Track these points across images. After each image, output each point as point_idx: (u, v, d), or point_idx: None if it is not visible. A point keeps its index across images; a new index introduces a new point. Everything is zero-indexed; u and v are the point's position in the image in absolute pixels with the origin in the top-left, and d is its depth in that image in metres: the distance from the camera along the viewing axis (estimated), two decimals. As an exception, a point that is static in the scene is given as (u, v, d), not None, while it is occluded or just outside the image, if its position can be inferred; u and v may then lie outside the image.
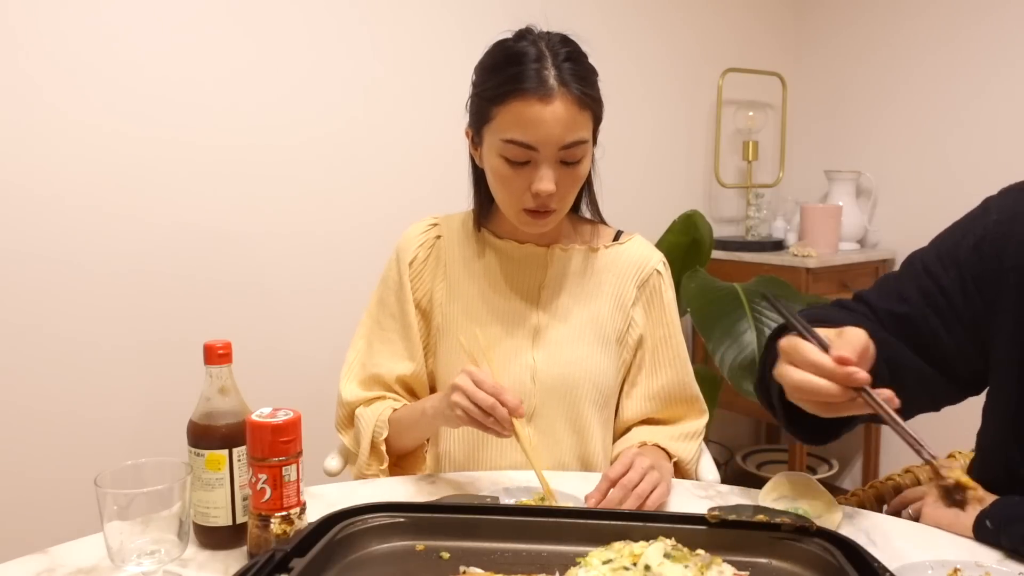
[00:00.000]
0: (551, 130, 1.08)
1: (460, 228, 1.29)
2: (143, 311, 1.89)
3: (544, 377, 1.22)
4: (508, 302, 1.25)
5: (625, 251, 1.29)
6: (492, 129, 1.12)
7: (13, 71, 1.69)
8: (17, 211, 1.72)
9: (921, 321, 0.99)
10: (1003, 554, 0.89)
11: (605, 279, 1.26)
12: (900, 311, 1.01)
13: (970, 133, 2.63)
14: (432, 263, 1.27)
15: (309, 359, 2.13)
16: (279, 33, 2.02)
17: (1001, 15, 2.55)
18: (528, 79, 1.07)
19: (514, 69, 1.09)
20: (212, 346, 0.92)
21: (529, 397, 1.21)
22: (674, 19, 2.79)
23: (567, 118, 1.08)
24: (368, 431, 1.18)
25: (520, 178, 1.12)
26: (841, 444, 3.02)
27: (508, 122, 1.09)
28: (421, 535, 0.84)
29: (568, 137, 1.09)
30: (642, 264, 1.28)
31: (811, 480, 1.00)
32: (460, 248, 1.28)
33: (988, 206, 1.04)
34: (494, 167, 1.14)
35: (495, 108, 1.11)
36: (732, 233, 3.01)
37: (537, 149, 1.09)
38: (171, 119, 1.88)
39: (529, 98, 1.07)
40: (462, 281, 1.26)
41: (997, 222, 1.00)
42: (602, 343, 1.24)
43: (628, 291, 1.26)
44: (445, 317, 1.26)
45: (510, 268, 1.26)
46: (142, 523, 0.79)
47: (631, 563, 0.75)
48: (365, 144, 2.17)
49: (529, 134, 1.08)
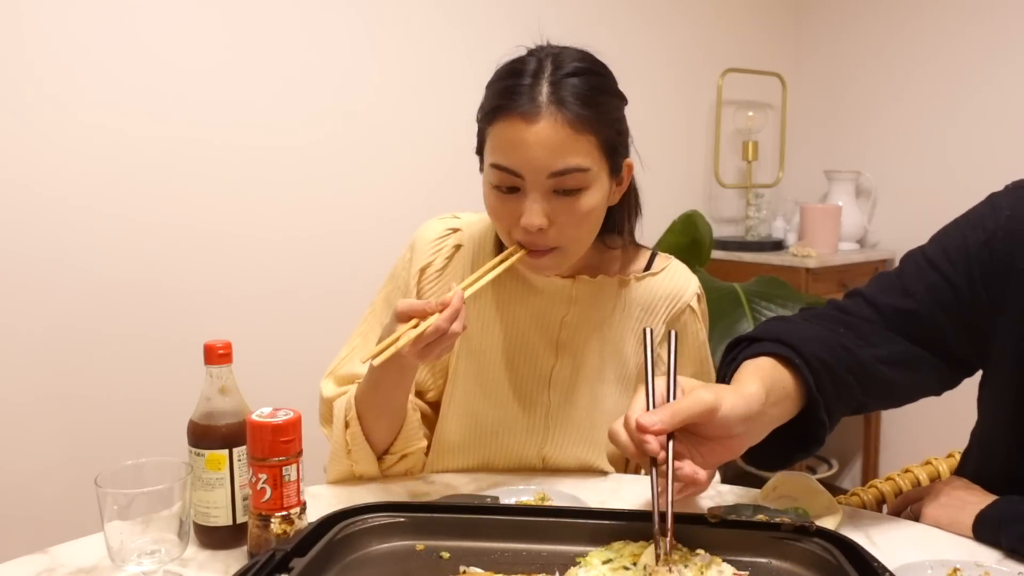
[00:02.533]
0: (535, 154, 0.95)
1: (481, 241, 1.16)
2: (143, 311, 1.89)
3: (558, 417, 1.15)
4: (526, 334, 1.14)
5: (657, 282, 1.16)
6: (486, 152, 1.02)
7: (14, 70, 1.69)
8: (17, 210, 1.72)
9: (927, 316, 0.99)
10: (1003, 554, 0.89)
11: (633, 313, 1.15)
12: (906, 307, 0.99)
13: (970, 133, 2.63)
14: (448, 276, 1.15)
15: (309, 359, 2.13)
16: (279, 32, 2.02)
17: (1001, 15, 2.55)
18: (514, 96, 0.96)
19: (506, 84, 0.98)
20: (212, 346, 0.92)
21: (541, 445, 1.15)
22: (674, 19, 2.79)
23: (555, 141, 0.95)
24: (340, 414, 1.09)
25: (508, 210, 1.00)
26: (841, 444, 3.02)
27: (494, 145, 0.99)
28: (421, 535, 0.84)
29: (557, 163, 0.95)
30: (675, 297, 1.16)
31: (811, 480, 1.00)
32: (479, 267, 1.07)
33: (995, 202, 1.03)
34: (486, 195, 1.03)
35: (487, 129, 1.01)
36: (732, 233, 3.01)
37: (522, 176, 0.97)
38: (171, 119, 1.88)
39: (512, 117, 0.95)
40: (478, 304, 1.13)
41: (1011, 218, 0.98)
42: (621, 381, 1.16)
43: (657, 327, 1.15)
44: (460, 340, 1.06)
45: (530, 298, 1.13)
46: (142, 523, 0.79)
47: (631, 563, 0.75)
48: (366, 144, 2.17)
49: (511, 158, 0.96)
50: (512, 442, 1.16)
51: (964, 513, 0.93)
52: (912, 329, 0.99)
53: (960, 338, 0.99)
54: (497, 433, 1.16)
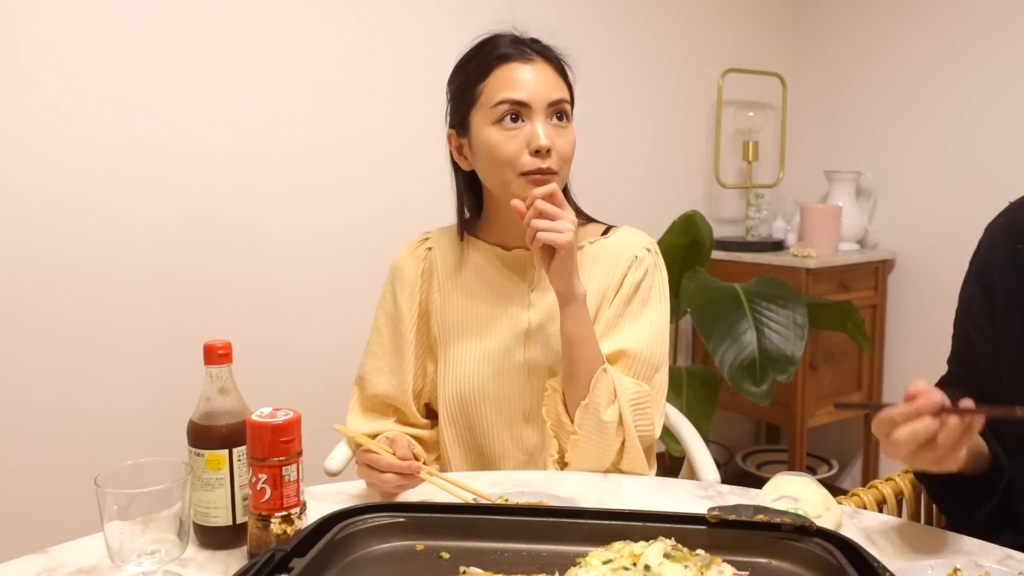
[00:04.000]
0: (539, 86, 1.15)
1: (448, 238, 1.32)
2: (143, 311, 1.89)
3: (539, 372, 1.23)
4: (498, 306, 1.26)
5: (612, 243, 1.27)
6: (481, 104, 1.17)
7: (14, 70, 1.69)
8: (17, 209, 1.72)
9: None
10: (1003, 554, 0.89)
11: (592, 273, 1.24)
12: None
13: (970, 133, 2.63)
14: (426, 276, 1.30)
15: (309, 359, 2.13)
16: (280, 30, 2.02)
17: (1001, 16, 2.55)
18: (508, 48, 1.18)
19: (492, 46, 1.19)
20: (212, 346, 0.92)
21: (525, 398, 1.23)
22: (674, 19, 2.79)
23: (549, 77, 1.17)
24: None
25: (516, 141, 1.15)
26: (841, 444, 3.02)
27: (498, 87, 1.16)
28: (421, 535, 0.84)
29: (554, 94, 1.16)
30: (631, 249, 1.26)
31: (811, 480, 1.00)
32: (451, 258, 1.30)
33: (985, 233, 1.11)
34: (488, 140, 1.17)
35: (481, 84, 1.17)
36: (732, 233, 3.01)
37: (529, 105, 1.15)
38: (170, 117, 1.89)
39: (513, 62, 1.16)
40: (453, 289, 1.28)
41: (985, 249, 1.08)
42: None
43: (615, 279, 1.24)
44: (441, 327, 1.28)
45: (498, 273, 1.27)
46: (142, 523, 0.79)
47: (631, 563, 0.75)
48: (364, 141, 2.17)
49: (520, 91, 1.15)
50: (501, 405, 1.24)
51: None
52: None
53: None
54: (487, 399, 1.24)
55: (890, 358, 2.88)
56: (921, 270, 2.78)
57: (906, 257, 2.83)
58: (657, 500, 1.07)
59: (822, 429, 2.88)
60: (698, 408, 2.25)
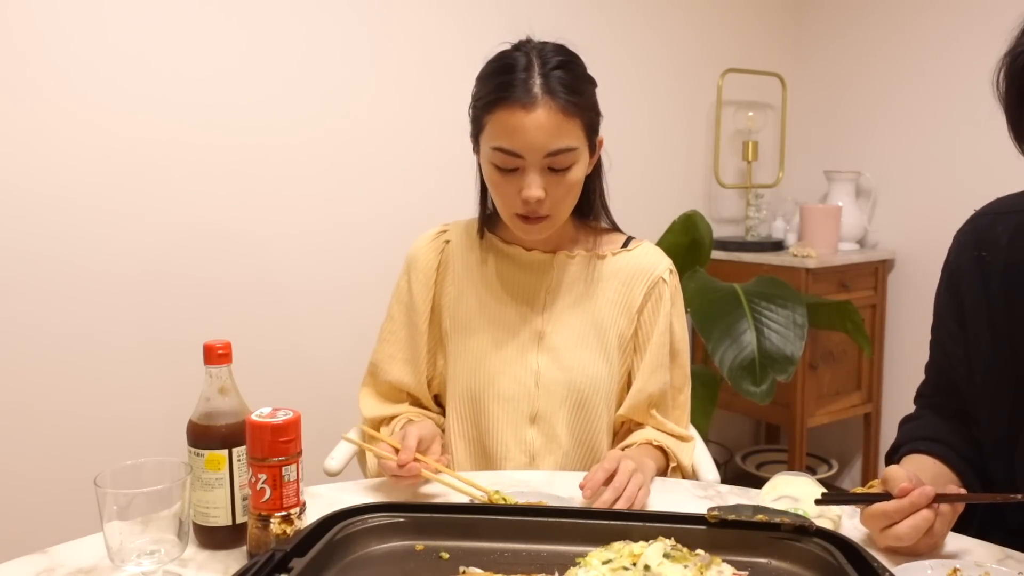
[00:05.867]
0: (534, 138, 1.11)
1: (467, 233, 1.32)
2: (143, 311, 1.89)
3: (547, 381, 1.24)
4: (513, 307, 1.27)
5: (633, 258, 1.29)
6: (484, 137, 1.16)
7: (13, 70, 1.69)
8: (17, 210, 1.72)
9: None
10: (1003, 554, 0.89)
11: (610, 285, 1.27)
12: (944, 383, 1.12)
13: (970, 133, 2.63)
14: (442, 269, 1.30)
15: (309, 359, 2.13)
16: (282, 31, 2.02)
17: (1001, 16, 2.55)
18: (512, 88, 1.11)
19: (502, 78, 1.13)
20: (212, 346, 0.92)
21: (533, 400, 1.24)
22: (674, 19, 2.79)
23: (550, 126, 1.11)
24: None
25: (510, 185, 1.15)
26: (841, 444, 3.02)
27: (495, 131, 1.13)
28: (421, 535, 0.84)
29: (552, 144, 1.12)
30: (650, 270, 1.28)
31: (811, 480, 1.00)
32: (467, 253, 1.30)
33: (953, 242, 1.13)
34: (487, 174, 1.19)
35: (486, 117, 1.15)
36: (732, 233, 3.01)
37: (523, 156, 1.12)
38: (171, 117, 1.88)
39: (513, 107, 1.11)
40: (469, 285, 1.29)
41: (953, 257, 1.11)
42: (603, 349, 1.25)
43: (636, 297, 1.27)
44: (453, 320, 1.28)
45: (516, 273, 1.28)
46: (142, 523, 0.79)
47: (631, 563, 0.75)
48: (367, 142, 2.17)
49: (514, 142, 1.11)
50: (508, 405, 1.24)
51: None
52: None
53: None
54: (495, 397, 1.24)
55: (890, 358, 2.88)
56: (921, 270, 2.78)
57: (906, 257, 2.83)
58: (657, 500, 1.07)
59: (822, 429, 2.88)
60: (698, 408, 2.23)
